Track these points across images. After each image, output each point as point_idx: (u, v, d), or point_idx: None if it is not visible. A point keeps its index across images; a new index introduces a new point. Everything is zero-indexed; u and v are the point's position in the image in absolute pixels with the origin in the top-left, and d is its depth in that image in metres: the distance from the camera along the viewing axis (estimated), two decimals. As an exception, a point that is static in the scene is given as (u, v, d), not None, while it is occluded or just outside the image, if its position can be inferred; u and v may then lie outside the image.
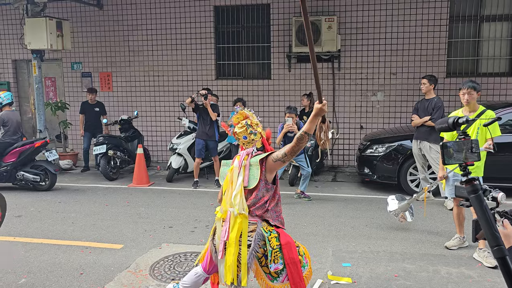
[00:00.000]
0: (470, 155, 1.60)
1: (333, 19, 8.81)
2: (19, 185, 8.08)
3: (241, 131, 3.23)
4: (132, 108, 10.42)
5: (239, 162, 3.19)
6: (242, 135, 3.24)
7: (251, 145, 3.25)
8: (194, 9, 9.94)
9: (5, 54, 11.18)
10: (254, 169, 3.12)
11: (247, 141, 3.25)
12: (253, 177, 3.12)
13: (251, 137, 3.23)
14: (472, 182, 1.54)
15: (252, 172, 3.13)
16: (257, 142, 3.27)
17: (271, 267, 3.09)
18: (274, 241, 3.09)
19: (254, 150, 3.25)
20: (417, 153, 6.93)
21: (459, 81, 9.06)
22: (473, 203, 1.49)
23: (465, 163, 1.59)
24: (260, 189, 3.13)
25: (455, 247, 5.01)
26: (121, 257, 4.90)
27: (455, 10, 9.04)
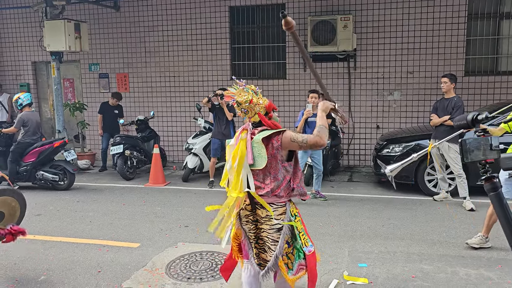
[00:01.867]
0: (489, 153, 1.57)
1: (348, 18, 8.75)
2: (38, 184, 8.23)
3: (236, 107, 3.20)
4: (148, 109, 10.52)
5: (236, 139, 3.12)
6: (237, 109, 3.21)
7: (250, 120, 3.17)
8: (210, 10, 9.99)
9: (25, 56, 11.39)
10: (260, 147, 3.01)
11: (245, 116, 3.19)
12: (260, 155, 3.00)
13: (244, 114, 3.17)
14: (491, 179, 1.51)
15: (259, 151, 3.01)
16: (252, 118, 3.16)
17: (305, 250, 3.11)
18: (299, 224, 3.11)
19: (249, 125, 3.15)
20: (435, 152, 6.83)
21: (477, 80, 8.93)
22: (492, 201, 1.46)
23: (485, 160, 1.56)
24: (280, 170, 3.04)
25: (476, 245, 4.90)
26: (138, 256, 4.94)
27: (473, 7, 8.90)
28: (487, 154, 1.58)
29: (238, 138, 3.10)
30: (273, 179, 3.04)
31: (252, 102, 3.12)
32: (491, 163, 1.59)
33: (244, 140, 3.05)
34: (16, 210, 4.28)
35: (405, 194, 7.32)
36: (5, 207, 4.23)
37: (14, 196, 4.28)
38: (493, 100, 8.78)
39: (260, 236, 3.17)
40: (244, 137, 3.06)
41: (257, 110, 3.12)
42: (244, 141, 3.04)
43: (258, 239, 3.19)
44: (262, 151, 2.98)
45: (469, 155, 1.59)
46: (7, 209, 4.23)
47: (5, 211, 4.22)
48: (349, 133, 9.58)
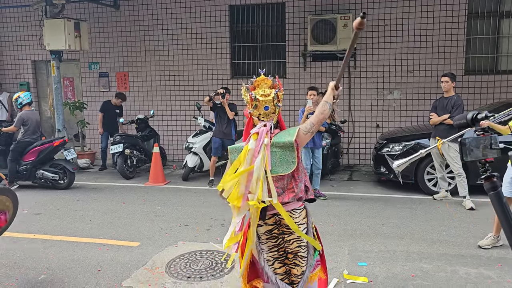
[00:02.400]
0: (489, 152, 1.57)
1: (348, 17, 8.75)
2: (38, 183, 8.23)
3: (266, 100, 2.77)
4: (148, 108, 10.51)
5: (259, 142, 2.70)
6: (264, 104, 2.77)
7: (269, 118, 2.82)
8: (209, 9, 9.98)
9: (25, 55, 11.39)
10: (287, 151, 2.71)
11: (267, 113, 2.80)
12: (287, 161, 2.70)
13: (275, 109, 2.81)
14: (491, 179, 1.51)
15: (284, 155, 2.71)
16: (275, 116, 2.85)
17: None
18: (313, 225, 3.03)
19: (272, 126, 2.79)
20: (435, 151, 6.83)
21: (477, 79, 8.92)
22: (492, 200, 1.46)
23: (484, 160, 1.56)
24: (301, 170, 2.82)
25: (488, 246, 4.90)
26: (138, 255, 4.95)
27: (473, 6, 8.89)
28: (487, 153, 1.58)
29: (261, 140, 2.71)
30: (297, 181, 2.81)
31: (278, 99, 2.85)
32: (490, 162, 1.59)
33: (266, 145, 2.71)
34: (9, 209, 4.25)
35: (405, 193, 7.32)
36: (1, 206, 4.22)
37: (9, 196, 4.24)
38: (493, 99, 8.78)
39: (288, 250, 2.86)
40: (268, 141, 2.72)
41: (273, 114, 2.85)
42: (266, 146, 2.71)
43: (287, 254, 2.87)
44: (289, 154, 2.70)
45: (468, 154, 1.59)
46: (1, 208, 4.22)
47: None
48: (349, 132, 9.58)
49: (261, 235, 2.87)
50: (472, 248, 4.96)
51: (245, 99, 2.88)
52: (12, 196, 4.26)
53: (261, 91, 2.79)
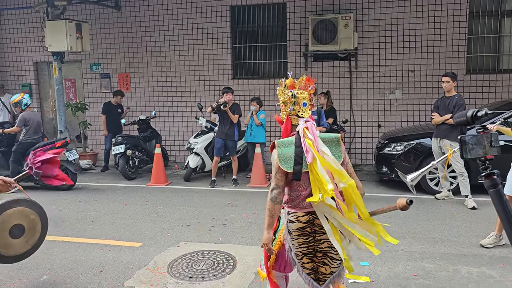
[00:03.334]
0: (489, 149, 1.57)
1: (349, 16, 8.75)
2: (40, 184, 8.23)
3: (303, 96, 2.93)
4: (150, 108, 10.53)
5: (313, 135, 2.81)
6: (303, 100, 2.93)
7: (307, 114, 2.94)
8: (211, 9, 9.99)
9: (27, 57, 11.42)
10: (334, 145, 2.85)
11: (305, 110, 2.95)
12: (335, 155, 2.81)
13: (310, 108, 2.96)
14: (491, 176, 1.51)
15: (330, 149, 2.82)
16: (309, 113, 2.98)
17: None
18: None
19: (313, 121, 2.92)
20: (437, 151, 6.82)
21: (479, 78, 8.91)
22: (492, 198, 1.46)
23: (485, 157, 1.56)
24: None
25: (490, 245, 4.90)
26: (140, 255, 4.96)
27: (475, 5, 8.88)
28: (487, 151, 1.58)
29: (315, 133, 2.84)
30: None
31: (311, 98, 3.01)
32: (491, 159, 1.59)
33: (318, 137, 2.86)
34: (36, 223, 3.90)
35: (407, 192, 7.29)
36: (24, 220, 3.82)
37: (33, 208, 3.90)
38: (495, 98, 8.77)
39: (318, 249, 2.91)
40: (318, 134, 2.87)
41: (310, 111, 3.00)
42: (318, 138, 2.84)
43: (316, 253, 2.92)
44: (337, 149, 2.85)
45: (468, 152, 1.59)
46: (26, 222, 3.84)
47: (24, 224, 3.82)
48: (350, 132, 9.58)
49: (293, 231, 2.90)
50: (474, 247, 4.95)
51: (281, 99, 2.96)
52: (36, 208, 3.93)
53: (296, 90, 2.95)
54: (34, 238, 3.95)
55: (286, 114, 2.97)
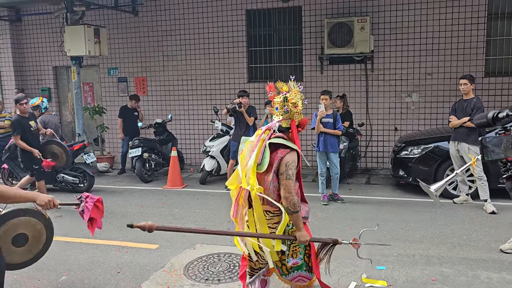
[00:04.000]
0: (510, 151, 1.55)
1: (366, 19, 8.70)
2: (59, 186, 8.37)
3: (278, 101, 3.08)
4: (166, 112, 10.62)
5: (258, 137, 3.04)
6: (276, 105, 3.09)
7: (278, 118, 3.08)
8: (226, 14, 10.05)
9: (46, 61, 11.64)
10: (267, 151, 2.96)
11: (278, 113, 3.08)
12: (265, 159, 2.94)
13: (281, 112, 3.06)
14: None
15: (266, 154, 2.95)
16: (284, 120, 3.06)
17: (288, 262, 3.05)
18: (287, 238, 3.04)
19: (276, 126, 3.05)
20: (455, 154, 6.73)
21: (498, 80, 8.77)
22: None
23: (506, 159, 1.54)
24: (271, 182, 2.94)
25: (511, 251, 4.81)
26: (156, 257, 4.99)
27: (493, 7, 8.75)
28: (508, 152, 1.56)
29: (260, 136, 3.05)
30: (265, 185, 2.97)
31: (297, 107, 3.06)
32: None
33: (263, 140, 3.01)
34: (41, 233, 3.94)
35: (424, 196, 7.20)
36: (29, 229, 3.85)
37: (39, 219, 3.89)
38: (515, 101, 8.62)
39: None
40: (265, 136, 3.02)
41: (295, 117, 3.07)
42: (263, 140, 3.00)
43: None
44: (267, 155, 2.94)
45: (489, 153, 1.57)
46: (31, 232, 3.86)
47: (28, 234, 3.85)
48: (366, 135, 9.51)
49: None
50: (494, 252, 4.87)
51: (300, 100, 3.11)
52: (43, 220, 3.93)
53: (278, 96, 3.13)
54: (38, 248, 3.96)
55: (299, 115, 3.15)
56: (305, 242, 2.99)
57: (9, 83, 11.69)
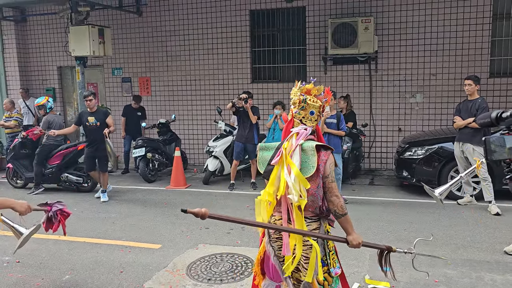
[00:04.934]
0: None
1: (370, 20, 8.68)
2: (63, 186, 8.41)
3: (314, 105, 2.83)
4: (170, 112, 10.63)
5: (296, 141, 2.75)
6: (311, 109, 2.83)
7: (310, 124, 2.84)
8: (230, 14, 10.06)
9: (51, 61, 11.68)
10: (309, 155, 2.71)
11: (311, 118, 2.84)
12: (308, 164, 2.69)
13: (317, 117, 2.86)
14: (517, 179, 1.48)
15: (306, 158, 2.71)
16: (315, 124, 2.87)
17: (332, 271, 2.85)
18: (330, 242, 2.90)
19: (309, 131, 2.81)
20: (459, 155, 6.70)
21: (503, 81, 8.73)
22: (518, 201, 1.43)
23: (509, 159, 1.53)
24: (319, 186, 2.73)
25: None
26: (159, 257, 5.00)
27: (498, 7, 8.71)
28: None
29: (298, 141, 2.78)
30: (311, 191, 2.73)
31: (323, 109, 2.90)
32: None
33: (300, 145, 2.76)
34: None
35: (428, 198, 7.17)
36: None
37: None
38: (520, 102, 8.57)
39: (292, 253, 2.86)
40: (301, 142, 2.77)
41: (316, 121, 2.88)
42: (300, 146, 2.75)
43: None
44: (311, 159, 2.70)
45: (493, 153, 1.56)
46: None
47: None
48: (370, 136, 9.48)
49: (272, 234, 2.88)
50: (498, 254, 4.84)
51: (293, 98, 2.88)
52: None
53: (309, 97, 2.85)
54: None
55: (291, 115, 2.92)
56: (359, 246, 2.83)
57: (14, 83, 11.74)
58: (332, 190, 2.74)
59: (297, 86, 2.89)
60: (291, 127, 2.90)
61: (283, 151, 2.77)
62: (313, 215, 2.81)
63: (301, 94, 2.84)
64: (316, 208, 2.79)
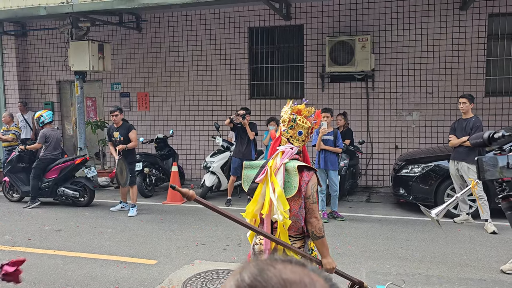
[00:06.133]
0: (506, 171, 1.57)
1: (367, 38, 8.80)
2: (59, 200, 8.38)
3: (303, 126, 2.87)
4: (167, 127, 10.67)
5: (281, 160, 2.78)
6: (300, 129, 2.87)
7: (297, 143, 2.87)
8: (229, 31, 10.18)
9: (50, 76, 11.75)
10: (292, 175, 2.74)
11: (298, 138, 2.88)
12: (291, 184, 2.73)
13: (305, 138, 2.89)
14: (509, 198, 1.51)
15: (289, 178, 2.74)
16: (302, 145, 2.91)
17: None
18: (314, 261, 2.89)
19: (295, 150, 2.84)
20: (455, 173, 6.74)
21: (498, 100, 8.82)
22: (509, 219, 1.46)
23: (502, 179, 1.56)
24: (301, 206, 2.76)
25: (511, 271, 4.78)
26: (155, 273, 4.97)
27: (493, 27, 8.86)
28: (504, 172, 1.58)
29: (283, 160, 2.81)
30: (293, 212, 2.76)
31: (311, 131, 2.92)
32: (508, 181, 1.59)
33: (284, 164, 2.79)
34: None
35: (424, 215, 7.18)
36: None
37: None
38: (515, 121, 8.65)
39: None
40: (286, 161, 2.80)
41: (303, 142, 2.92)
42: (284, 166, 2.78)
43: None
44: (294, 179, 2.73)
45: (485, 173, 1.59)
46: None
47: None
48: (367, 153, 9.53)
49: (257, 253, 2.91)
50: (494, 272, 4.84)
51: (283, 116, 2.92)
52: None
53: (300, 117, 2.88)
54: None
55: (280, 132, 2.95)
56: (332, 271, 2.82)
57: (13, 96, 11.79)
58: (312, 212, 2.76)
59: (288, 105, 2.94)
60: (278, 144, 2.93)
61: (268, 169, 2.79)
62: (297, 234, 2.84)
63: (292, 113, 2.88)
64: (299, 228, 2.82)
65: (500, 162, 1.59)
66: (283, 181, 2.73)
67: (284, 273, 0.71)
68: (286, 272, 0.71)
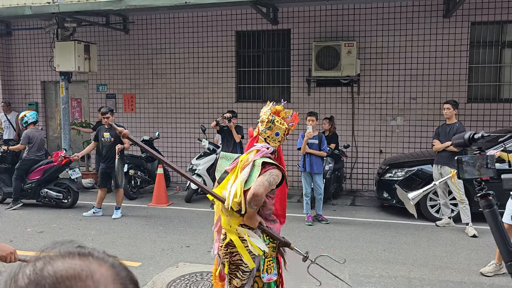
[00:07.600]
0: (484, 171, 1.62)
1: (352, 44, 8.91)
2: (42, 202, 8.27)
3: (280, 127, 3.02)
4: (153, 129, 10.62)
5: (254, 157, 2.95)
6: (277, 130, 3.01)
7: (273, 143, 3.02)
8: (217, 34, 10.20)
9: (35, 76, 11.61)
10: (255, 170, 2.90)
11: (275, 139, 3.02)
12: (251, 178, 2.88)
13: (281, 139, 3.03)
14: (487, 197, 1.55)
15: (252, 173, 2.90)
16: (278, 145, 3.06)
17: (263, 277, 2.97)
18: (270, 250, 2.99)
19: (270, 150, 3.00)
20: (438, 178, 6.84)
21: (480, 106, 9.00)
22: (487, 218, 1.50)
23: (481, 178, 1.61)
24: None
25: (491, 274, 4.87)
26: (139, 275, 4.94)
27: (475, 35, 9.05)
28: (483, 172, 1.63)
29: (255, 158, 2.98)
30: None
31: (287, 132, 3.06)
32: (486, 181, 1.64)
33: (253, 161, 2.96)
34: None
35: (408, 219, 7.30)
36: None
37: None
38: (496, 127, 8.82)
39: (232, 261, 3.04)
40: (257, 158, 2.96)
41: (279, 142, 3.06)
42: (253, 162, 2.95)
43: (230, 264, 3.06)
44: (255, 173, 2.88)
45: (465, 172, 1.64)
46: None
47: None
48: (352, 157, 9.62)
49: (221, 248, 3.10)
50: (474, 275, 4.93)
51: (263, 116, 3.05)
52: None
53: (278, 118, 3.03)
54: None
55: (257, 131, 3.07)
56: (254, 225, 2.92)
57: (-5, 96, 11.61)
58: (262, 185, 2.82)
59: (268, 106, 3.08)
60: (255, 142, 3.08)
61: (238, 162, 3.00)
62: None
63: (271, 114, 3.02)
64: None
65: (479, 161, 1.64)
66: (247, 175, 2.88)
67: (60, 269, 0.69)
68: (63, 269, 0.69)
